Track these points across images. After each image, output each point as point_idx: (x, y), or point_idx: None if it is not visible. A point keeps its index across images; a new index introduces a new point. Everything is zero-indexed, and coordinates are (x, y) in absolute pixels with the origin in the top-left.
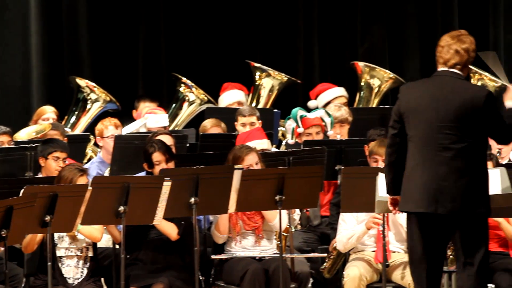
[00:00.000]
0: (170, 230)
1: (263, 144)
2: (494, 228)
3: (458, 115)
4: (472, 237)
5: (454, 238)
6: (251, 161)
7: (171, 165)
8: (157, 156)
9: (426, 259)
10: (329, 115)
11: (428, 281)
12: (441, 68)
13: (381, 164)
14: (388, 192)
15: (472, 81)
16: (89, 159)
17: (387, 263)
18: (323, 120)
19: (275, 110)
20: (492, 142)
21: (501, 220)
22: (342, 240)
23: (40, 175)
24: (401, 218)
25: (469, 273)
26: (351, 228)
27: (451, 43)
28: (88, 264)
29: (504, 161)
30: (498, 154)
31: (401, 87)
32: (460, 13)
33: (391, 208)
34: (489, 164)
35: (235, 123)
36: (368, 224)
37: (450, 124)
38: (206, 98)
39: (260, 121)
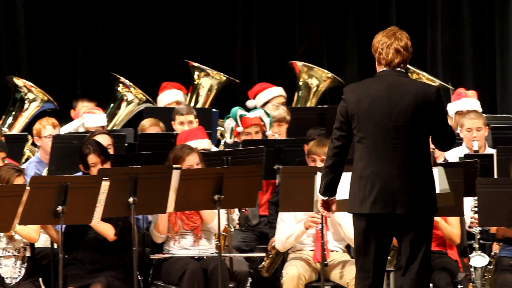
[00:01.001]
0: (107, 230)
1: (204, 143)
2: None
3: (411, 114)
4: (420, 237)
5: (401, 237)
6: (192, 162)
7: (106, 166)
8: (92, 158)
9: (375, 259)
10: (268, 114)
11: (373, 282)
12: (384, 68)
13: (319, 164)
14: (324, 193)
15: None
16: (27, 159)
17: (325, 262)
18: (262, 120)
19: (214, 110)
20: None
21: (438, 219)
22: (280, 240)
23: None
24: (340, 218)
25: (412, 273)
26: (290, 228)
27: (389, 42)
28: (26, 264)
29: (440, 160)
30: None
31: (345, 88)
32: (398, 14)
33: (321, 209)
34: None
35: (173, 122)
36: (306, 224)
37: (403, 123)
38: (144, 97)
39: (197, 120)
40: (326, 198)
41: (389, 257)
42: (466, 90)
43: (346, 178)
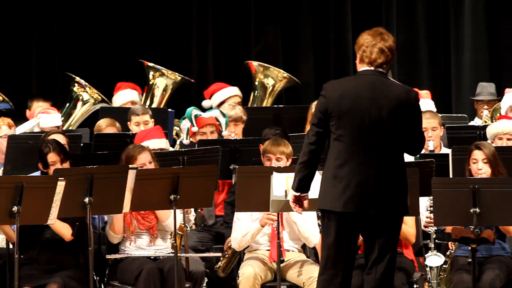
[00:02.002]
0: (64, 230)
1: (162, 143)
2: None
3: (391, 116)
4: (389, 238)
5: (370, 238)
6: (144, 160)
7: (66, 165)
8: (52, 157)
9: (346, 259)
10: (223, 114)
11: (343, 280)
12: (366, 67)
13: (275, 163)
14: (297, 189)
15: None
16: None
17: (281, 262)
18: (217, 120)
19: (169, 110)
20: None
21: None
22: (236, 238)
23: None
24: (295, 217)
25: (377, 273)
26: (246, 226)
27: (374, 42)
28: None
29: None
30: None
31: (325, 85)
32: (353, 14)
33: (292, 205)
34: None
35: (128, 122)
36: (262, 221)
37: (383, 125)
38: (100, 97)
39: (153, 120)
40: (298, 194)
41: None
42: (420, 90)
43: (318, 177)
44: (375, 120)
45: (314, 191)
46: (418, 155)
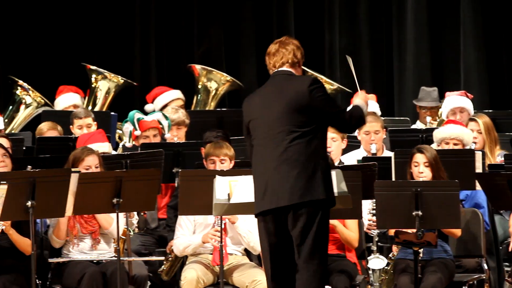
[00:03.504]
0: (25, 245)
1: (105, 147)
2: (330, 231)
3: (289, 108)
4: (308, 224)
5: (292, 229)
6: (91, 163)
7: (8, 168)
8: None
9: (278, 256)
10: (166, 117)
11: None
12: (272, 72)
13: (219, 166)
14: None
15: None
16: None
17: (224, 266)
18: (160, 123)
19: (112, 113)
20: None
21: (336, 223)
22: (178, 248)
23: None
24: (240, 228)
25: (303, 255)
26: (189, 235)
27: (276, 48)
28: None
29: (336, 163)
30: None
31: (244, 100)
32: (296, 17)
33: None
34: None
35: (71, 126)
36: (204, 238)
37: (283, 118)
38: (43, 101)
39: (95, 123)
40: None
41: None
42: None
43: (243, 182)
44: (276, 116)
45: (238, 196)
46: (352, 130)
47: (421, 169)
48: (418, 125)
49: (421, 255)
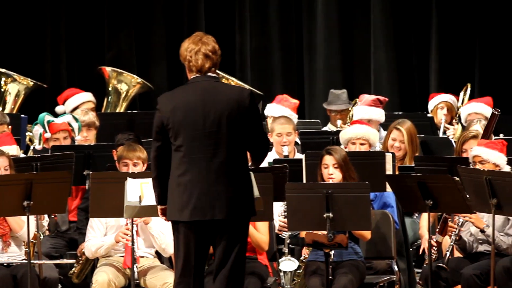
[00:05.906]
0: None
1: (12, 149)
2: None
3: (225, 119)
4: (233, 240)
5: (217, 242)
6: (0, 165)
7: None
8: None
9: (197, 266)
10: (76, 120)
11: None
12: (196, 75)
13: (132, 168)
14: (160, 203)
15: None
16: None
17: (135, 268)
18: (70, 125)
19: (22, 115)
20: None
21: None
22: (90, 249)
23: None
24: (152, 229)
25: (222, 277)
26: (100, 237)
27: (196, 48)
28: None
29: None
30: None
31: (159, 98)
32: (207, 19)
33: (163, 218)
34: None
35: None
36: (117, 238)
37: (218, 129)
38: None
39: (10, 127)
40: (164, 206)
41: None
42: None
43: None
44: (210, 125)
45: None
46: (260, 161)
47: (330, 170)
48: (330, 127)
49: (332, 257)
